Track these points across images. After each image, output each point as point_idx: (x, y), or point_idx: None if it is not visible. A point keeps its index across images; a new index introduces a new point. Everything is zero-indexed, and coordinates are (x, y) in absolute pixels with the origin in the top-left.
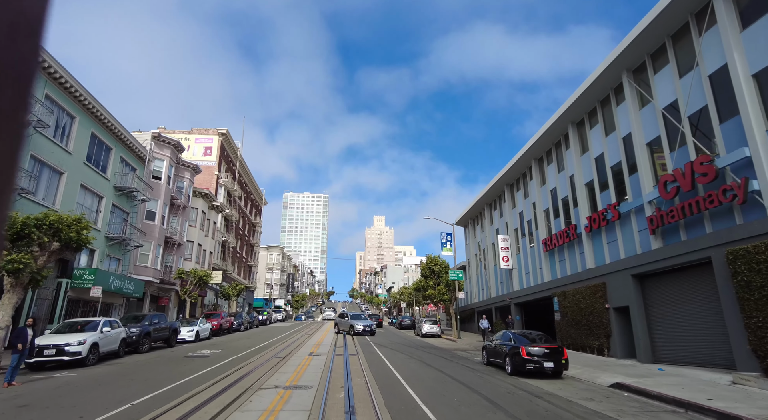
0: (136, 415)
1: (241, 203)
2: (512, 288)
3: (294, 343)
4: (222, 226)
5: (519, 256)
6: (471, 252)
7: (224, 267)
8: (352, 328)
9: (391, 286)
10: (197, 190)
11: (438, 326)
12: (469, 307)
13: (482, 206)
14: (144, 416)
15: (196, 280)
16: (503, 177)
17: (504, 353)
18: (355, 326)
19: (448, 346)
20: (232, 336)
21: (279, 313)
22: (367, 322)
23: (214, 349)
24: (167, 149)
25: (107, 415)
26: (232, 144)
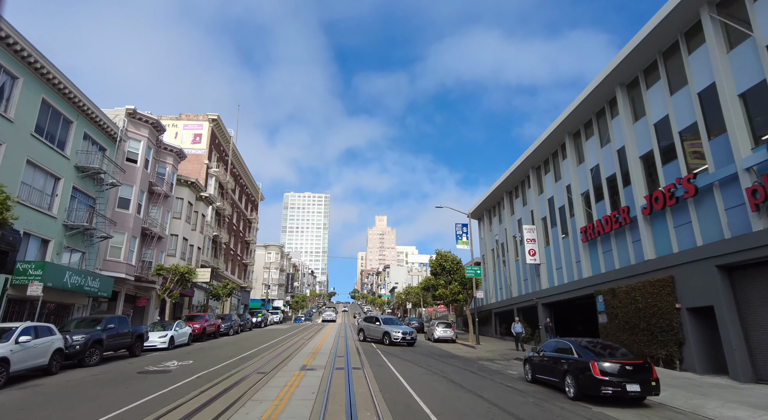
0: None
1: (235, 197)
2: (539, 286)
3: (286, 350)
4: (212, 220)
5: (548, 249)
6: (486, 247)
7: (215, 264)
8: (387, 336)
9: (394, 287)
10: (182, 178)
11: (452, 329)
12: (484, 308)
13: (500, 195)
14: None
15: (177, 277)
16: (528, 159)
17: (562, 370)
18: (391, 334)
19: (468, 355)
20: (217, 341)
21: (276, 315)
22: (406, 329)
23: (184, 361)
24: (144, 129)
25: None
26: (224, 131)
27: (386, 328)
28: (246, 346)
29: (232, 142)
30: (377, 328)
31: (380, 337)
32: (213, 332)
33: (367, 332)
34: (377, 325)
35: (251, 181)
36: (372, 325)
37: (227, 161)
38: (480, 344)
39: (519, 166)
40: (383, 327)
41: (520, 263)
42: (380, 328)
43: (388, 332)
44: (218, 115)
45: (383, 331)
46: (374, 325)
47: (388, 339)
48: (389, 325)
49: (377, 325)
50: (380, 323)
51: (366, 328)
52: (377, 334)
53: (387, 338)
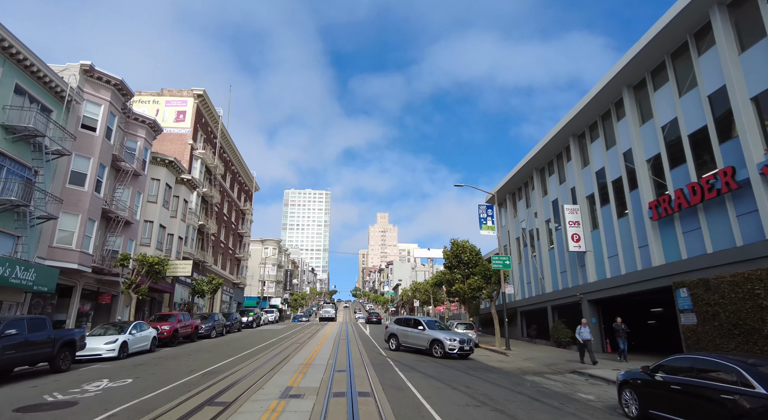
0: None
1: (226, 184)
2: (584, 278)
3: (271, 360)
4: (198, 208)
5: (596, 234)
6: (510, 236)
7: (201, 257)
8: (438, 346)
9: (398, 284)
10: (159, 156)
11: (474, 332)
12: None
13: (529, 174)
14: None
15: (145, 268)
16: (568, 125)
17: (725, 412)
18: (444, 343)
19: (505, 365)
20: (192, 346)
21: (271, 314)
22: (462, 336)
23: (120, 380)
24: (105, 91)
25: None
26: (212, 110)
27: (434, 334)
28: (223, 353)
29: (221, 123)
30: (419, 334)
31: (425, 346)
32: (189, 334)
33: (403, 339)
34: (419, 330)
35: (245, 169)
36: (411, 330)
37: (216, 144)
38: (511, 350)
39: (556, 136)
40: (430, 333)
41: (555, 253)
42: (424, 334)
43: (438, 341)
44: (204, 90)
45: (430, 339)
46: (414, 330)
47: (440, 350)
48: (438, 331)
49: (419, 331)
50: (424, 328)
51: (400, 334)
52: (420, 342)
53: (437, 349)
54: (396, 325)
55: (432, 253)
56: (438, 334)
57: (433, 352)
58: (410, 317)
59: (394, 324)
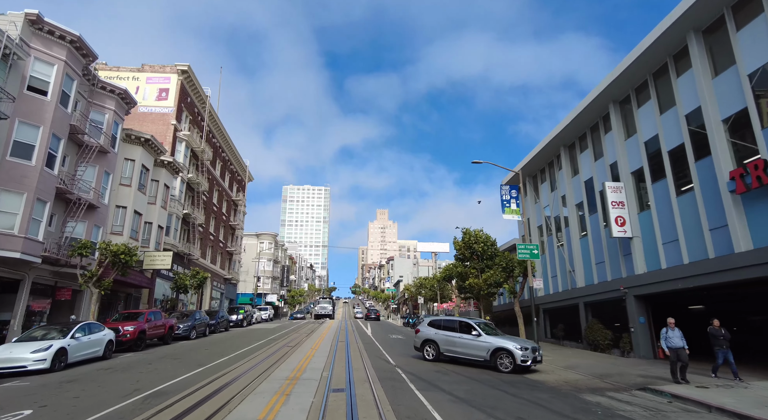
0: None
1: (215, 172)
2: (631, 270)
3: (249, 372)
4: (183, 196)
5: (648, 216)
6: (530, 224)
7: (186, 249)
8: (503, 357)
9: (399, 280)
10: (133, 133)
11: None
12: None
13: (554, 151)
14: None
15: (108, 258)
16: (608, 90)
17: None
18: (515, 354)
19: (550, 379)
20: (158, 352)
21: (265, 311)
22: (533, 344)
23: (20, 409)
24: (59, 49)
25: None
26: (198, 89)
27: (496, 341)
28: (193, 362)
29: (208, 104)
30: (472, 342)
31: (483, 357)
32: (162, 336)
33: (446, 347)
34: (473, 336)
35: (237, 157)
36: (458, 336)
37: (203, 127)
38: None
39: (591, 104)
40: (489, 340)
41: (589, 241)
42: (481, 341)
43: (505, 350)
44: (189, 66)
45: (491, 348)
46: (464, 336)
47: (509, 362)
48: (499, 337)
49: (473, 337)
50: (479, 333)
51: (442, 341)
52: (473, 351)
53: (504, 361)
54: (432, 328)
55: (436, 246)
56: (502, 342)
57: (498, 365)
58: (454, 318)
59: (429, 327)
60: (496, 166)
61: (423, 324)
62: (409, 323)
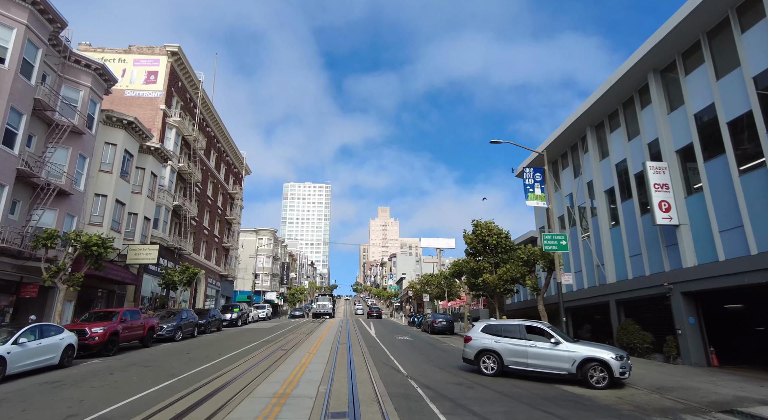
0: None
1: (209, 163)
2: (677, 262)
3: (228, 387)
4: (173, 186)
5: (699, 199)
6: (549, 215)
7: (176, 243)
8: (595, 369)
9: (402, 277)
10: (114, 114)
11: None
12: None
13: (579, 132)
14: None
15: (78, 250)
16: (644, 61)
17: None
18: (612, 366)
19: (600, 393)
20: (131, 357)
21: (262, 310)
22: (618, 351)
23: None
24: (19, 11)
25: None
26: (190, 73)
27: (583, 350)
28: (167, 371)
29: (201, 89)
30: (550, 351)
31: (566, 369)
32: (141, 337)
33: (513, 358)
34: (551, 344)
35: (233, 148)
36: (530, 345)
37: (196, 114)
38: None
39: (625, 76)
40: (573, 348)
41: (622, 231)
42: (562, 350)
43: (598, 361)
44: (179, 47)
45: (578, 359)
46: (537, 344)
47: (603, 376)
48: (585, 345)
49: (551, 345)
50: (557, 340)
51: (506, 351)
52: (553, 363)
53: (597, 374)
54: (489, 335)
55: (440, 242)
56: (592, 350)
57: (588, 380)
58: (518, 323)
59: (484, 335)
60: (516, 145)
61: (475, 330)
62: (414, 322)
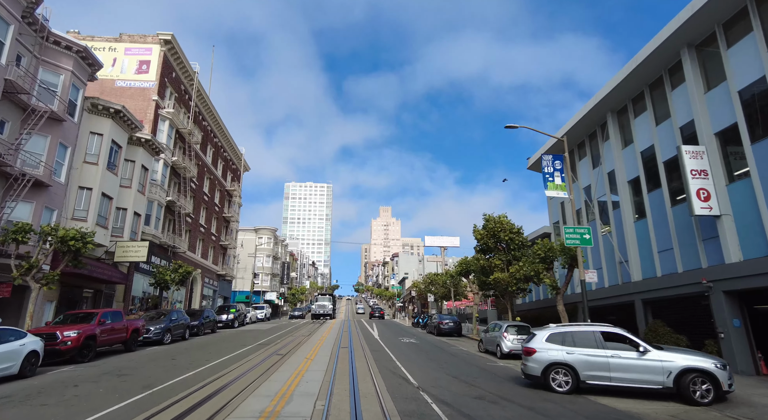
0: None
1: (206, 158)
2: (718, 258)
3: (207, 404)
4: (167, 181)
5: (744, 187)
6: (564, 209)
7: (170, 241)
8: (697, 382)
9: (404, 277)
10: (101, 103)
11: None
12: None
13: (598, 119)
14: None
15: (53, 245)
16: (677, 34)
17: None
18: (718, 376)
19: (646, 409)
20: (110, 363)
21: (260, 310)
22: (712, 358)
23: None
24: None
25: None
26: (185, 64)
27: (680, 359)
28: (143, 382)
29: (196, 81)
30: (637, 362)
31: (660, 383)
32: (123, 341)
33: (590, 372)
34: (637, 353)
35: (231, 143)
36: (610, 355)
37: (191, 107)
38: None
39: (654, 54)
40: (669, 358)
41: (649, 224)
42: (651, 361)
43: (701, 372)
44: (172, 35)
45: (677, 370)
46: (624, 354)
47: (708, 389)
48: (678, 353)
49: (637, 355)
50: (646, 348)
51: (583, 364)
52: (643, 376)
53: (700, 387)
54: (557, 345)
55: (444, 240)
56: (690, 359)
57: (691, 394)
58: (591, 329)
59: (552, 345)
60: (534, 130)
61: (537, 340)
62: (419, 323)
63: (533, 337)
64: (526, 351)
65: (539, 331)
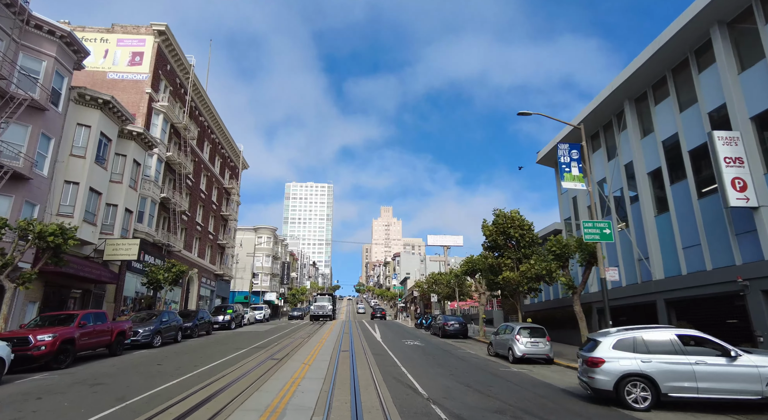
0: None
1: (203, 155)
2: (757, 253)
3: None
4: (161, 177)
5: None
6: (576, 204)
7: (164, 239)
8: None
9: (406, 277)
10: (89, 93)
11: (547, 340)
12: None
13: (615, 108)
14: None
15: (30, 242)
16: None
17: None
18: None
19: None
20: (80, 372)
21: (259, 311)
22: None
23: None
24: None
25: None
26: (180, 56)
27: None
28: (118, 393)
29: (192, 74)
30: (727, 369)
31: (756, 392)
32: (108, 344)
33: (672, 384)
34: (727, 359)
35: (229, 140)
36: (694, 362)
37: (186, 101)
38: None
39: (680, 33)
40: (763, 364)
41: (672, 219)
42: (743, 367)
43: None
44: (167, 26)
45: None
46: (710, 360)
47: None
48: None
49: (727, 361)
50: (735, 354)
51: (663, 375)
52: (734, 386)
53: None
54: (630, 352)
55: (448, 239)
56: None
57: None
58: (671, 332)
59: (620, 352)
60: (547, 117)
61: (603, 348)
62: (422, 324)
63: (596, 345)
64: (591, 362)
65: (602, 338)
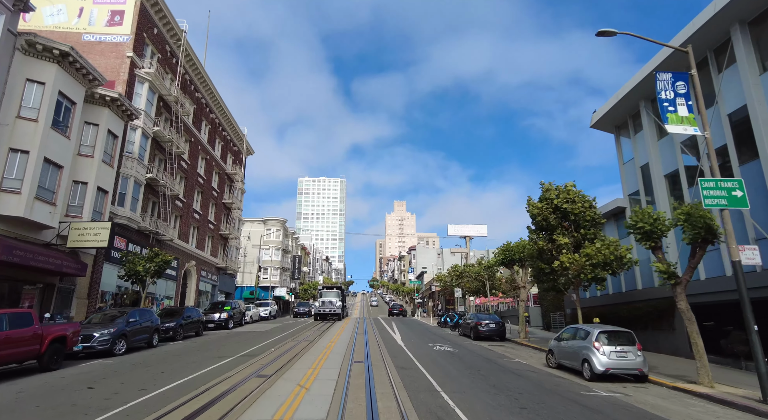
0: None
1: (200, 135)
2: None
3: None
4: (147, 155)
5: None
6: (651, 174)
7: (153, 226)
8: None
9: (423, 271)
10: (41, 42)
11: (639, 349)
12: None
13: (719, 37)
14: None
15: None
16: None
17: None
18: None
19: None
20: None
21: (264, 308)
22: None
23: None
24: None
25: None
26: (168, 17)
27: None
28: None
29: (184, 40)
30: None
31: None
32: (36, 355)
33: None
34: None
35: (231, 122)
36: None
37: (178, 72)
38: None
39: None
40: None
41: None
42: None
43: None
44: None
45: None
46: None
47: None
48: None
49: None
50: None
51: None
52: None
53: None
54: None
55: (469, 229)
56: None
57: None
58: None
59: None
60: (635, 36)
61: None
62: (446, 323)
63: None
64: None
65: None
